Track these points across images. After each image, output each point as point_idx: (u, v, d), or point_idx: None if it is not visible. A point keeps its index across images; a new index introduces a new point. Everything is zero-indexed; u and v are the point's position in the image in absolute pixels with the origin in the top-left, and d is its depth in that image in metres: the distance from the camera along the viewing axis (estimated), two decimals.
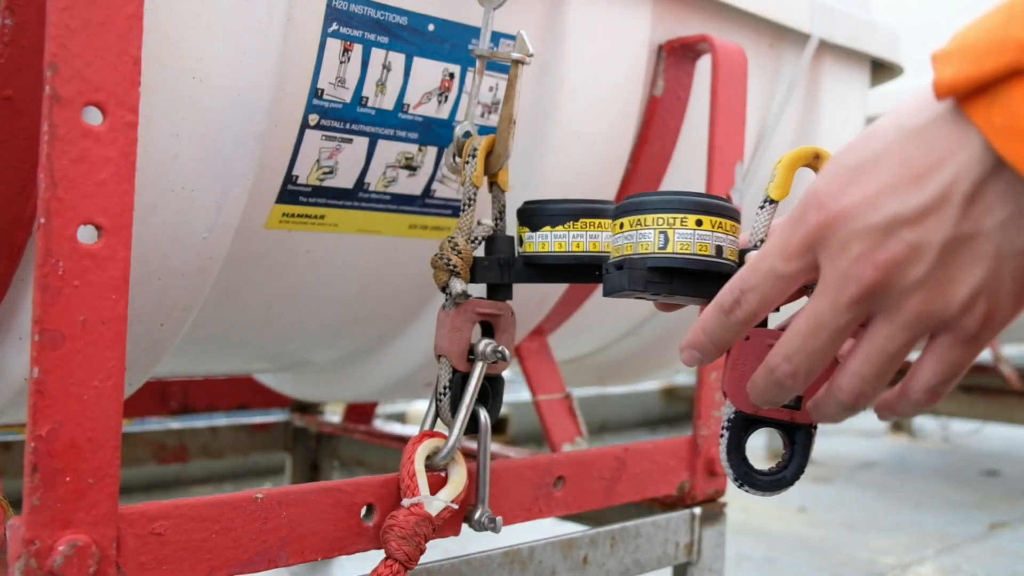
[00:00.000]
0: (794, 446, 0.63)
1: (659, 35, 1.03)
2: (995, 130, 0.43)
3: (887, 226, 0.46)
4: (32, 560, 0.55)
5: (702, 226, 0.61)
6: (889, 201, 0.46)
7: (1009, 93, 0.42)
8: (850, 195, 0.47)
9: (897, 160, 0.46)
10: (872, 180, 0.46)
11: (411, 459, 0.74)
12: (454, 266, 0.75)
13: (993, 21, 0.44)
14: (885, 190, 0.46)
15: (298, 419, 1.68)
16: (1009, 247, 0.46)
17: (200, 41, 0.68)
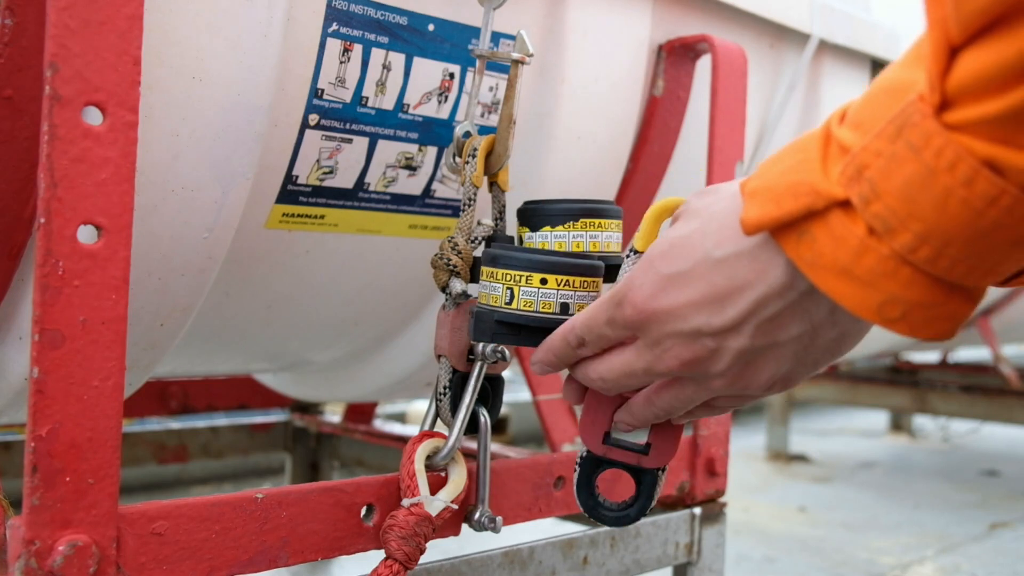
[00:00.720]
0: (640, 487, 0.69)
1: (659, 35, 1.03)
2: (804, 263, 0.47)
3: (692, 334, 0.53)
4: (32, 560, 0.55)
5: (546, 285, 0.66)
6: (695, 315, 0.53)
7: (811, 232, 0.46)
8: (661, 301, 0.54)
9: (704, 283, 0.52)
10: (681, 294, 0.53)
11: (411, 459, 0.74)
12: (454, 266, 0.76)
13: (789, 163, 0.48)
14: (692, 305, 0.53)
15: (298, 419, 1.68)
16: (804, 351, 0.53)
17: (200, 41, 0.68)
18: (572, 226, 0.75)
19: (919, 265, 0.44)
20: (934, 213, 0.42)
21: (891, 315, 0.45)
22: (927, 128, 0.41)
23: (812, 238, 0.46)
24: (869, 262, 0.44)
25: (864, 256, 0.44)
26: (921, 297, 0.45)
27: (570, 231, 0.75)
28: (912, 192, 0.42)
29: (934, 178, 0.41)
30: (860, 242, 0.44)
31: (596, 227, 0.76)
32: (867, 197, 0.43)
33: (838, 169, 0.45)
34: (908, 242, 0.43)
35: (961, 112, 0.40)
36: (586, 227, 0.75)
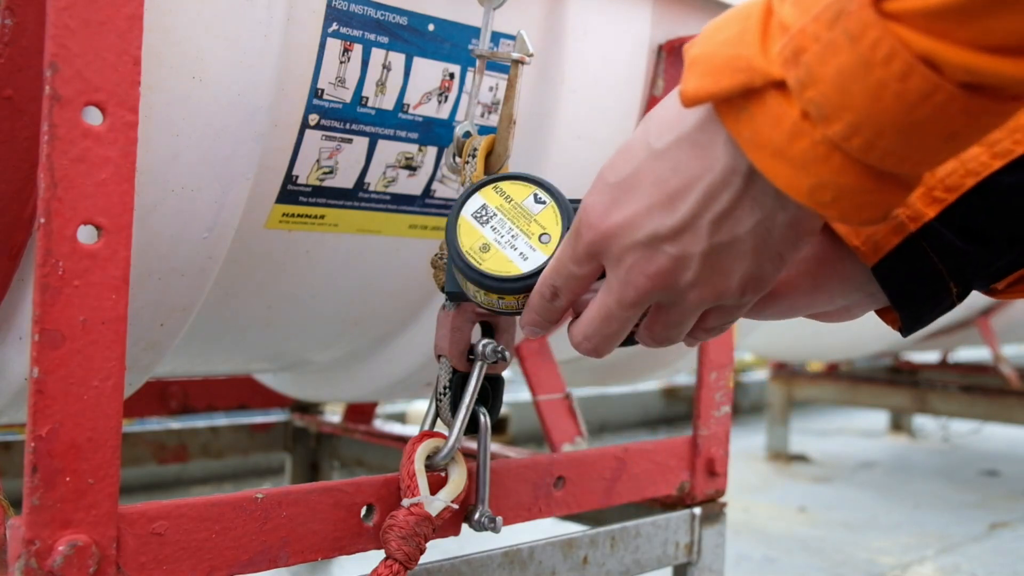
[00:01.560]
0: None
1: (659, 35, 1.03)
2: (743, 139, 0.46)
3: (649, 242, 0.52)
4: (32, 560, 0.55)
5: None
6: (647, 222, 0.51)
7: (749, 109, 0.45)
8: (613, 216, 0.53)
9: (650, 183, 0.51)
10: (631, 202, 0.52)
11: (411, 459, 0.74)
12: None
13: (729, 33, 0.47)
14: (643, 211, 0.51)
15: (298, 419, 1.68)
16: (764, 243, 0.51)
17: (200, 41, 0.68)
18: None
19: (851, 152, 0.43)
20: (867, 105, 0.41)
21: (822, 199, 0.45)
22: (864, 17, 0.40)
23: (750, 115, 0.45)
24: (802, 145, 0.44)
25: (798, 139, 0.44)
26: (852, 183, 0.44)
27: None
28: (846, 82, 0.41)
29: (869, 70, 0.41)
30: (794, 125, 0.44)
31: None
32: (803, 81, 0.43)
33: (777, 47, 0.44)
34: (841, 130, 0.43)
35: (899, 2, 0.39)
36: None
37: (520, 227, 0.66)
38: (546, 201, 0.67)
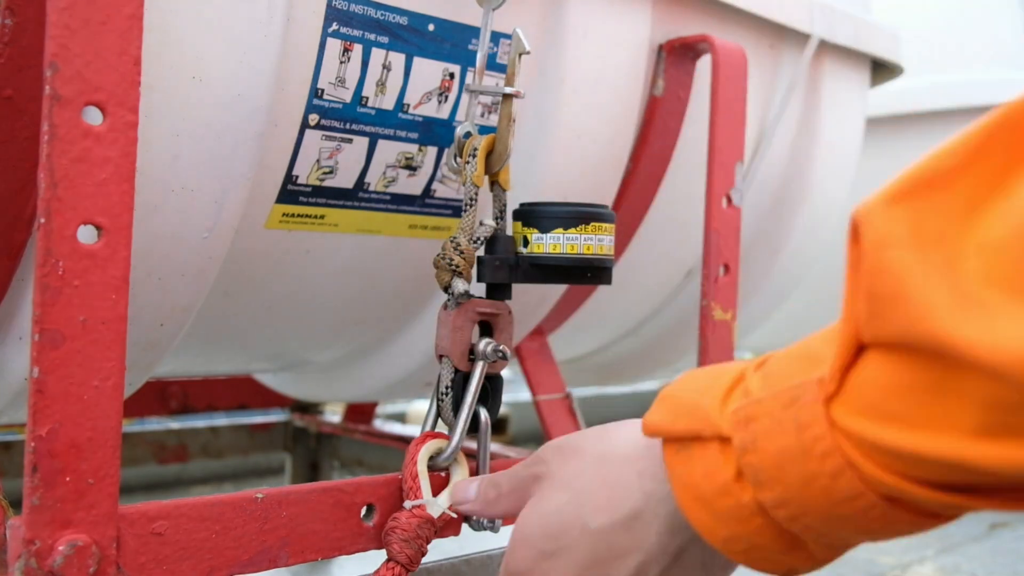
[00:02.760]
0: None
1: (659, 35, 1.03)
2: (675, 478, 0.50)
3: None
4: (32, 560, 0.55)
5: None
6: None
7: (692, 452, 0.50)
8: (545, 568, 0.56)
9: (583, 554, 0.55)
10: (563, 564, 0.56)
11: (413, 460, 0.74)
12: (456, 266, 0.76)
13: (703, 383, 0.51)
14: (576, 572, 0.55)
15: (298, 419, 1.68)
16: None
17: (200, 41, 0.68)
18: (584, 229, 0.77)
19: (776, 519, 0.47)
20: (799, 487, 0.45)
21: (735, 548, 0.49)
22: (814, 412, 0.44)
23: (690, 459, 0.50)
24: (727, 503, 0.48)
25: (725, 497, 0.48)
26: (767, 544, 0.48)
27: (582, 234, 0.77)
28: (785, 462, 0.45)
29: (806, 459, 0.44)
30: (725, 483, 0.48)
31: (602, 231, 0.79)
32: (747, 447, 0.46)
33: (733, 406, 0.48)
34: (771, 498, 0.46)
35: (845, 416, 0.43)
36: (596, 230, 0.78)
37: None
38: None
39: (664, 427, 0.51)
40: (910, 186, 0.39)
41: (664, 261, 1.24)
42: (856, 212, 0.41)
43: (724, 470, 0.48)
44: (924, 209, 0.38)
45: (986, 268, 0.36)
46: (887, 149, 2.24)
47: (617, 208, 1.06)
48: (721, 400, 0.49)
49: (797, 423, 0.44)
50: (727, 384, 0.50)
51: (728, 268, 1.01)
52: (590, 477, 0.56)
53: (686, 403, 0.50)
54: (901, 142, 2.27)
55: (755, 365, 0.50)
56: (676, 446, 0.51)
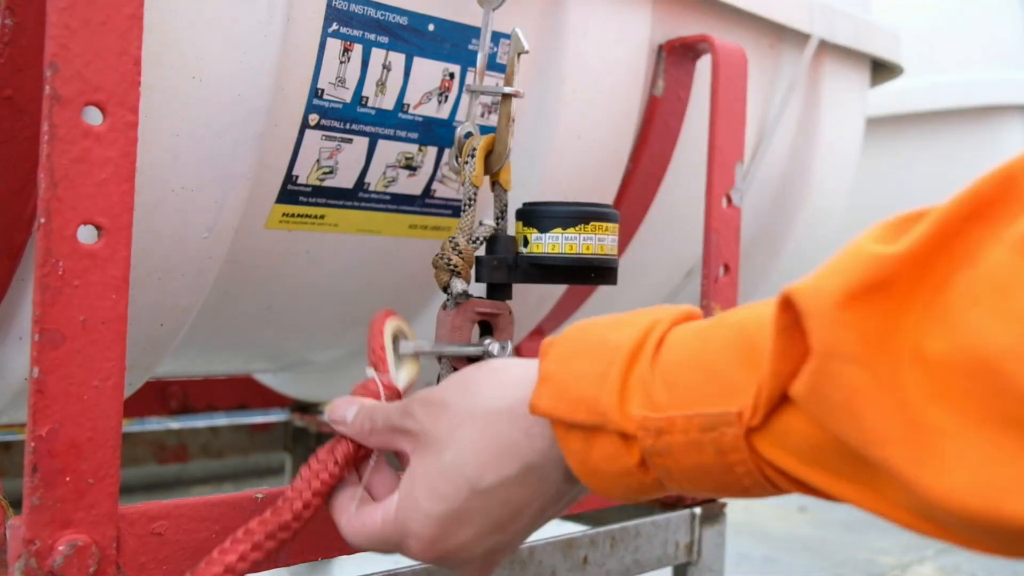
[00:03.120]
0: None
1: (659, 35, 1.03)
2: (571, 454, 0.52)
3: (487, 553, 0.57)
4: (32, 560, 0.55)
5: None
6: (481, 544, 0.56)
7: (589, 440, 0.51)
8: (445, 544, 0.56)
9: (480, 516, 0.55)
10: (461, 533, 0.56)
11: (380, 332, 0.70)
12: (455, 266, 0.76)
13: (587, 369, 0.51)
14: (475, 537, 0.56)
15: (298, 419, 1.68)
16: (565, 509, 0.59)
17: (200, 41, 0.68)
18: (584, 228, 0.77)
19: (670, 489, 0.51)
20: (711, 487, 0.48)
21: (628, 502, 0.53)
22: (736, 443, 0.46)
23: (585, 439, 0.51)
24: (629, 481, 0.51)
25: (627, 477, 0.51)
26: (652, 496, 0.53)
27: (582, 233, 0.77)
28: (702, 475, 0.48)
29: (726, 474, 0.47)
30: (627, 468, 0.50)
31: (604, 230, 0.78)
32: (660, 452, 0.48)
33: (638, 412, 0.49)
34: (676, 487, 0.50)
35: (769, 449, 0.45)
36: (596, 230, 0.78)
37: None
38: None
39: (559, 414, 0.51)
40: (861, 287, 0.39)
41: (664, 261, 1.24)
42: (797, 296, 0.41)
43: (626, 458, 0.50)
44: (875, 316, 0.38)
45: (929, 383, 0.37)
46: (887, 149, 2.24)
47: (617, 208, 1.06)
48: (618, 396, 0.49)
49: (718, 448, 0.46)
50: (619, 375, 0.50)
51: (728, 268, 1.01)
52: (467, 434, 0.55)
53: (579, 394, 0.51)
54: (901, 142, 2.27)
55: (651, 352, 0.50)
56: (568, 426, 0.51)
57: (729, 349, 0.47)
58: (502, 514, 0.55)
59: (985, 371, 0.35)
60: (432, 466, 0.56)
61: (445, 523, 0.56)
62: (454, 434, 0.56)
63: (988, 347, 0.35)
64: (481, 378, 0.58)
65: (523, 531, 0.57)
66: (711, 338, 0.48)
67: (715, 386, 0.47)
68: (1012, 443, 0.35)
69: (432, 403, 0.58)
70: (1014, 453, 0.35)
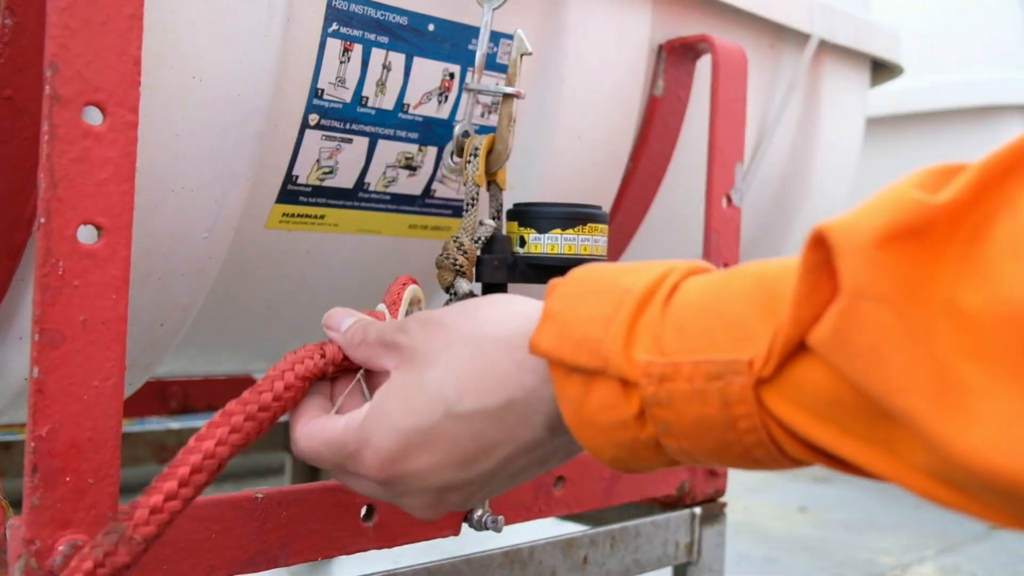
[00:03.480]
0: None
1: (659, 35, 1.03)
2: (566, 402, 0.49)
3: (438, 490, 0.53)
4: (32, 560, 0.55)
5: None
6: (439, 476, 0.53)
7: (587, 384, 0.48)
8: (403, 465, 0.53)
9: (446, 442, 0.52)
10: (423, 456, 0.52)
11: (398, 301, 0.68)
12: (460, 266, 0.76)
13: (594, 311, 0.48)
14: (435, 467, 0.52)
15: None
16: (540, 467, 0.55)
17: (200, 41, 0.68)
18: (581, 229, 0.78)
19: (669, 451, 0.47)
20: (712, 447, 0.45)
21: (617, 465, 0.49)
22: (743, 393, 0.43)
23: (583, 384, 0.48)
24: (624, 435, 0.47)
25: (622, 430, 0.47)
26: (652, 463, 0.49)
27: (579, 234, 0.78)
28: (702, 428, 0.45)
29: (727, 429, 0.44)
30: (624, 420, 0.47)
31: (598, 232, 0.79)
32: (661, 402, 0.45)
33: (643, 357, 0.46)
34: (677, 447, 0.46)
35: (777, 402, 0.42)
36: (592, 231, 0.79)
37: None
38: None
39: (560, 355, 0.48)
40: (900, 230, 0.37)
41: None
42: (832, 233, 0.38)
43: (624, 408, 0.47)
44: (911, 262, 0.37)
45: (962, 336, 0.35)
46: (887, 149, 2.24)
47: (617, 208, 1.06)
48: (624, 340, 0.46)
49: (723, 398, 0.43)
50: (628, 318, 0.47)
51: (728, 268, 1.01)
52: (458, 354, 0.52)
53: (583, 334, 0.48)
54: (901, 142, 2.27)
55: (663, 298, 0.47)
56: (567, 369, 0.48)
57: (747, 297, 0.44)
58: (469, 447, 0.52)
59: (1022, 325, 0.33)
60: (412, 380, 0.53)
61: (410, 439, 0.52)
62: (444, 352, 0.53)
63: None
64: (485, 305, 0.55)
65: (485, 477, 0.53)
66: (729, 286, 0.46)
67: (728, 333, 0.44)
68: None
69: (430, 322, 0.55)
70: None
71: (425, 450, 0.52)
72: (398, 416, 0.53)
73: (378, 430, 0.53)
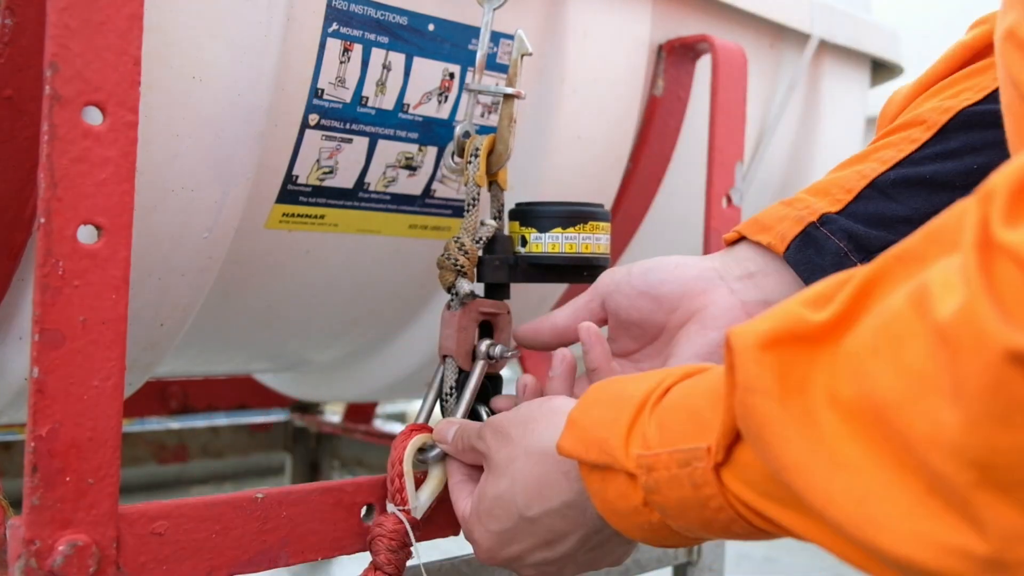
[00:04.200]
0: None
1: (659, 35, 1.03)
2: (595, 494, 0.58)
3: (537, 564, 0.65)
4: (32, 560, 0.55)
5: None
6: (533, 555, 0.65)
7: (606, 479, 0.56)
8: (501, 554, 0.66)
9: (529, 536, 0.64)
10: (516, 545, 0.65)
11: (400, 459, 0.72)
12: (461, 266, 0.76)
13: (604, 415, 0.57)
14: (528, 550, 0.64)
15: (298, 419, 1.68)
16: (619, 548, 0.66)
17: (200, 41, 0.68)
18: (582, 228, 0.78)
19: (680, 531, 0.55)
20: (699, 524, 0.52)
21: (651, 543, 0.58)
22: (706, 477, 0.50)
23: (605, 483, 0.56)
24: (640, 519, 0.55)
25: (636, 515, 0.55)
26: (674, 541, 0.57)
27: (580, 233, 0.78)
28: (685, 508, 0.52)
29: (703, 509, 0.51)
30: (635, 507, 0.55)
31: (600, 230, 0.79)
32: (651, 488, 0.53)
33: (636, 451, 0.54)
34: (676, 525, 0.54)
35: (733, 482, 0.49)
36: (593, 229, 0.79)
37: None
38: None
39: (577, 454, 0.57)
40: (782, 335, 0.43)
41: None
42: (731, 335, 0.45)
43: (633, 496, 0.55)
44: (792, 361, 0.43)
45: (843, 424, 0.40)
46: None
47: (617, 208, 1.06)
48: (624, 439, 0.55)
49: (693, 482, 0.50)
50: (628, 420, 0.55)
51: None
52: (521, 468, 0.63)
53: (594, 437, 0.56)
54: None
55: (653, 401, 0.55)
56: (593, 473, 0.57)
57: (709, 391, 0.51)
58: (547, 536, 0.63)
59: (881, 418, 0.39)
60: (491, 490, 0.65)
61: (499, 538, 0.65)
62: (510, 466, 0.64)
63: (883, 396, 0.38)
64: (540, 416, 0.64)
65: (570, 553, 0.63)
66: (699, 383, 0.53)
67: (692, 424, 0.51)
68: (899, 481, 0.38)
69: (499, 432, 0.66)
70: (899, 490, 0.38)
71: (514, 543, 0.65)
72: (486, 520, 0.66)
73: (476, 530, 0.67)
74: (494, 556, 0.67)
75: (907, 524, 0.38)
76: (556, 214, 0.78)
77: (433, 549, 0.74)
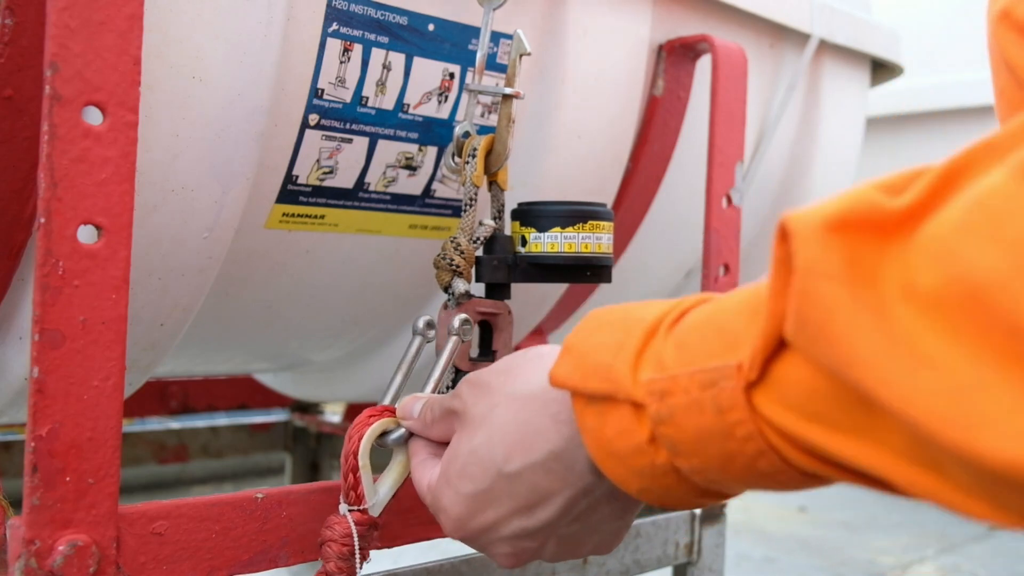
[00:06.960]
0: None
1: (659, 35, 1.03)
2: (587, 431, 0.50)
3: (512, 536, 0.57)
4: (32, 560, 0.56)
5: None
6: (509, 525, 0.56)
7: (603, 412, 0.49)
8: (474, 523, 0.57)
9: (507, 497, 0.55)
10: (490, 511, 0.56)
11: (355, 452, 0.64)
12: (457, 266, 0.76)
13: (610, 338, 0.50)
14: (504, 517, 0.56)
15: (298, 419, 1.68)
16: (621, 516, 0.58)
17: (200, 41, 0.68)
18: (582, 227, 0.78)
19: (691, 478, 0.48)
20: (718, 461, 0.45)
21: (649, 497, 0.50)
22: (735, 398, 0.43)
23: (602, 417, 0.49)
24: (642, 461, 0.48)
25: (639, 456, 0.48)
26: (679, 494, 0.50)
27: (580, 232, 0.78)
28: (704, 440, 0.45)
29: (727, 439, 0.44)
30: (639, 445, 0.48)
31: (601, 229, 0.79)
32: (663, 418, 0.46)
33: (647, 376, 0.47)
34: (688, 466, 0.47)
35: (767, 405, 0.42)
36: (593, 229, 0.78)
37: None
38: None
39: (573, 383, 0.50)
40: (853, 219, 0.38)
41: (664, 261, 1.24)
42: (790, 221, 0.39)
43: (638, 432, 0.48)
44: (862, 248, 0.37)
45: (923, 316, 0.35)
46: (887, 149, 2.24)
47: (617, 208, 1.06)
48: (632, 364, 0.48)
49: (717, 406, 0.44)
50: (637, 344, 0.48)
51: (728, 268, 1.01)
52: (500, 416, 0.55)
53: (596, 362, 0.49)
54: (901, 142, 2.27)
55: (669, 323, 0.48)
56: (586, 399, 0.50)
57: (741, 306, 0.45)
58: (528, 498, 0.55)
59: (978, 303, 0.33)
60: (465, 446, 0.57)
61: (472, 503, 0.56)
62: (488, 416, 0.56)
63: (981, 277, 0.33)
64: (524, 362, 0.58)
65: (552, 522, 0.56)
66: (728, 300, 0.47)
67: (720, 341, 0.45)
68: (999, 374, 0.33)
69: (477, 384, 0.59)
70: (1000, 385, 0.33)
71: (489, 507, 0.56)
72: (458, 482, 0.57)
73: (444, 497, 0.58)
74: (464, 526, 0.57)
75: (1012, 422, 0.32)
76: (555, 214, 0.78)
77: (433, 549, 0.74)
